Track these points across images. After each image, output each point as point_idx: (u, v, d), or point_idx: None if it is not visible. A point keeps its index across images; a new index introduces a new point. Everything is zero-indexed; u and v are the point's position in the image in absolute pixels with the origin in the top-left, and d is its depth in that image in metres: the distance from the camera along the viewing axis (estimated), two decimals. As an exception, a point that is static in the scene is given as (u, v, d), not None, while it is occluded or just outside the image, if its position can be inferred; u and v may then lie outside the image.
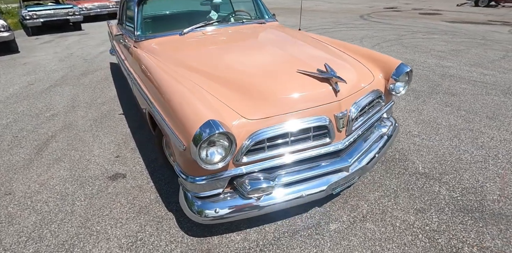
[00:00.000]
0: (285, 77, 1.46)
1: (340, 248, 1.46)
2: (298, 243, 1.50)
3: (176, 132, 1.24)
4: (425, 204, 1.71)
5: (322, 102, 1.39)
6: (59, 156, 2.45)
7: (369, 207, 1.71)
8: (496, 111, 2.75)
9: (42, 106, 3.49)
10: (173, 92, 1.37)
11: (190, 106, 1.24)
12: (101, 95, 3.74)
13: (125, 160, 2.34)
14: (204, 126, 1.12)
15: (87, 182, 2.10)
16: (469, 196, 1.75)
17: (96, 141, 2.66)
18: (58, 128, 2.93)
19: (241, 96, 1.39)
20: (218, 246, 1.51)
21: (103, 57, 5.61)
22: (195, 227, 1.64)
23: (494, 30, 6.74)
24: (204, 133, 1.11)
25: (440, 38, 6.12)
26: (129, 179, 2.10)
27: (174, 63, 1.72)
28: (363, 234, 1.53)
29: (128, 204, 1.85)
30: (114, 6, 10.70)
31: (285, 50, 1.76)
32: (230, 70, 1.57)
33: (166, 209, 1.78)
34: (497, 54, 4.66)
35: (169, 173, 2.12)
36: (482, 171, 1.95)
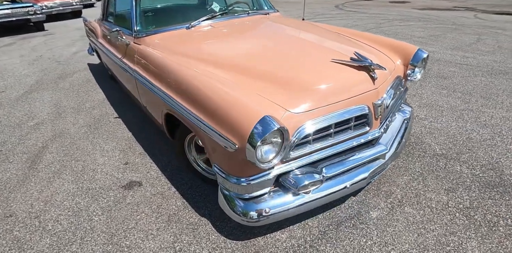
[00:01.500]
0: (321, 68, 1.39)
1: (387, 235, 1.46)
2: (345, 235, 1.48)
3: (223, 132, 1.14)
4: (452, 184, 1.77)
5: (362, 90, 1.36)
6: (58, 168, 2.20)
7: (402, 191, 1.74)
8: (488, 91, 2.93)
9: (21, 115, 3.12)
10: (209, 90, 1.25)
11: (237, 103, 1.14)
12: (88, 99, 3.43)
13: (136, 166, 2.16)
14: (260, 123, 1.03)
15: (99, 194, 1.91)
16: (489, 172, 1.84)
17: (97, 148, 2.43)
18: (48, 138, 2.64)
19: (279, 89, 1.31)
20: (265, 247, 1.44)
21: (78, 58, 5.15)
22: (235, 230, 1.55)
23: (461, 15, 7.16)
24: (261, 131, 1.02)
25: (416, 24, 6.38)
26: (147, 187, 1.94)
27: (193, 58, 1.58)
28: (404, 218, 1.55)
29: (154, 213, 1.71)
30: (78, 3, 9.85)
31: (309, 40, 1.69)
32: (260, 63, 1.47)
33: (198, 215, 1.67)
34: (471, 37, 4.96)
35: (190, 177, 1.99)
36: (493, 148, 2.06)
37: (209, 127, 1.21)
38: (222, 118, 1.15)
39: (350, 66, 1.38)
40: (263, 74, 1.40)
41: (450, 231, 1.46)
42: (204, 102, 1.25)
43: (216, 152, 1.28)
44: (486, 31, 5.32)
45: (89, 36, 3.86)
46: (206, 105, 1.23)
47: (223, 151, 1.21)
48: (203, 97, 1.25)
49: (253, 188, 1.28)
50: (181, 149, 1.81)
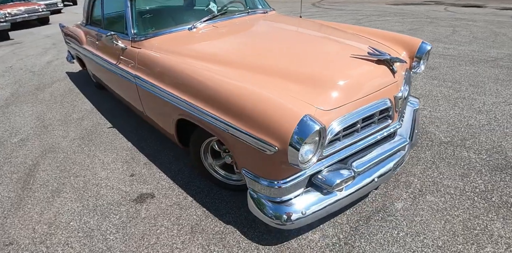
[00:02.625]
0: (343, 63, 1.39)
1: (416, 224, 1.49)
2: (376, 228, 1.49)
3: (258, 135, 1.09)
4: (464, 169, 1.84)
5: (384, 84, 1.37)
6: (56, 186, 2.03)
7: (419, 181, 1.78)
8: (475, 79, 3.10)
9: (2, 132, 2.85)
10: (235, 91, 1.20)
11: (271, 103, 1.10)
12: (74, 110, 3.21)
13: (144, 177, 2.05)
14: (301, 124, 1.00)
15: (109, 210, 1.78)
16: (495, 156, 1.94)
17: (96, 161, 2.27)
18: (38, 154, 2.43)
19: (304, 87, 1.28)
20: (300, 250, 1.41)
21: (54, 67, 4.82)
22: (265, 235, 1.51)
23: (433, 9, 7.57)
24: (303, 132, 0.99)
25: (393, 19, 6.65)
26: (161, 198, 1.84)
27: (206, 60, 1.51)
28: (428, 207, 1.59)
29: (174, 225, 1.62)
30: (44, 10, 9.24)
31: (320, 36, 1.68)
32: (278, 61, 1.43)
33: (223, 222, 1.61)
34: (447, 30, 5.25)
35: (205, 184, 1.91)
36: (492, 133, 2.18)
37: (240, 131, 1.15)
38: (256, 120, 1.10)
39: (370, 61, 1.39)
40: (284, 73, 1.37)
41: (473, 215, 1.52)
42: (231, 104, 1.19)
43: (248, 155, 1.23)
44: (459, 23, 5.66)
45: (68, 43, 3.61)
46: (235, 108, 1.18)
47: (256, 154, 1.16)
48: (229, 99, 1.20)
49: (288, 190, 1.24)
50: (196, 156, 1.73)
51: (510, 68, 3.28)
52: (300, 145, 0.99)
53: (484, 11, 6.79)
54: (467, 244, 1.37)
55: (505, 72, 3.17)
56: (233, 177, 1.71)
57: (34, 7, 8.97)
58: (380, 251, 1.37)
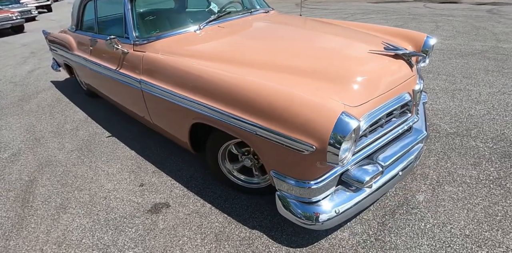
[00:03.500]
0: (363, 59, 1.39)
1: (441, 215, 1.51)
2: (403, 222, 1.50)
3: (293, 135, 1.06)
4: (475, 158, 1.90)
5: (404, 78, 1.39)
6: (60, 202, 1.91)
7: (435, 172, 1.82)
8: (466, 71, 3.23)
9: (-11, 148, 2.67)
10: (264, 91, 1.17)
11: (302, 102, 1.07)
12: (66, 120, 3.05)
13: (155, 187, 1.96)
14: (340, 121, 0.99)
15: (123, 224, 1.69)
16: (500, 143, 2.01)
17: (100, 173, 2.16)
18: (34, 169, 2.28)
19: (327, 84, 1.27)
20: (332, 249, 1.39)
21: (36, 77, 4.57)
22: (294, 237, 1.48)
23: (413, 6, 7.87)
24: (344, 129, 0.98)
25: (377, 17, 6.84)
26: (177, 207, 1.77)
27: (221, 61, 1.47)
28: (449, 197, 1.62)
29: (197, 235, 1.56)
30: (19, 17, 8.79)
31: (332, 33, 1.68)
32: (297, 59, 1.42)
33: (247, 228, 1.57)
34: (430, 25, 5.46)
35: (221, 189, 1.86)
36: (493, 121, 2.27)
37: (271, 132, 1.13)
38: (289, 119, 1.08)
39: (388, 56, 1.41)
40: (305, 71, 1.35)
41: (492, 202, 1.57)
42: (259, 105, 1.16)
43: (278, 157, 1.20)
44: (440, 19, 5.91)
45: (54, 50, 3.44)
46: (264, 108, 1.14)
47: (289, 155, 1.14)
48: (257, 99, 1.16)
49: (321, 190, 1.22)
50: (213, 161, 1.68)
51: (496, 59, 3.46)
52: (340, 143, 0.98)
53: (461, 7, 7.14)
54: (492, 231, 1.41)
55: (493, 64, 3.34)
56: (254, 180, 1.67)
57: (7, 15, 8.51)
58: (411, 244, 1.38)
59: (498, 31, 4.66)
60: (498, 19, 5.48)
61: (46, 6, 13.89)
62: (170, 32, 1.84)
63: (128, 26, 1.91)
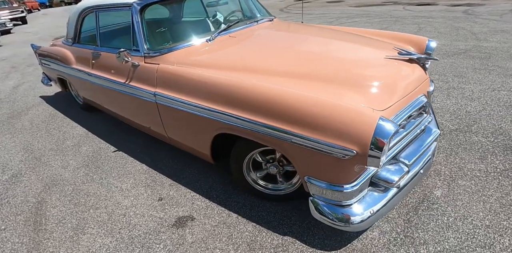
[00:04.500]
0: (382, 65, 1.48)
1: (461, 208, 1.62)
2: (427, 217, 1.58)
3: (332, 141, 1.12)
4: (480, 152, 2.04)
5: (420, 81, 1.49)
6: (76, 222, 1.86)
7: (446, 168, 1.93)
8: (456, 70, 3.45)
9: (-15, 170, 2.53)
10: (296, 100, 1.22)
11: (337, 109, 1.14)
12: (65, 136, 2.96)
13: (174, 200, 1.95)
14: (380, 125, 1.06)
15: (149, 240, 1.67)
16: (501, 137, 2.18)
17: (113, 190, 2.12)
18: (40, 190, 2.20)
19: (351, 90, 1.35)
20: (366, 249, 1.45)
21: (23, 93, 4.40)
22: (327, 240, 1.52)
23: (393, 9, 8.29)
24: (384, 133, 1.05)
25: (361, 20, 7.15)
26: (202, 219, 1.77)
27: (243, 70, 1.52)
28: (464, 191, 1.73)
29: (229, 245, 1.57)
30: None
31: (343, 40, 1.78)
32: (318, 66, 1.49)
33: (279, 234, 1.60)
34: (413, 27, 5.78)
35: (244, 197, 1.88)
36: (490, 116, 2.45)
37: (308, 139, 1.18)
38: (327, 126, 1.13)
39: (403, 60, 1.51)
40: (327, 77, 1.42)
41: (504, 192, 1.69)
42: (294, 113, 1.20)
43: (314, 162, 1.25)
44: (421, 21, 6.28)
45: (46, 65, 3.34)
46: (299, 116, 1.19)
47: (326, 160, 1.19)
48: (290, 108, 1.21)
49: (356, 193, 1.29)
50: (238, 171, 1.71)
51: (481, 58, 3.72)
52: (381, 147, 1.04)
53: (438, 8, 7.61)
54: (509, 220, 1.52)
55: (479, 62, 3.59)
56: (281, 187, 1.71)
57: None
58: (439, 238, 1.47)
59: (476, 30, 5.01)
60: (474, 19, 5.90)
61: (21, 18, 13.39)
62: (182, 44, 1.87)
63: (138, 38, 1.92)
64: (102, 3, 2.22)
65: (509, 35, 4.56)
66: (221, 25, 2.30)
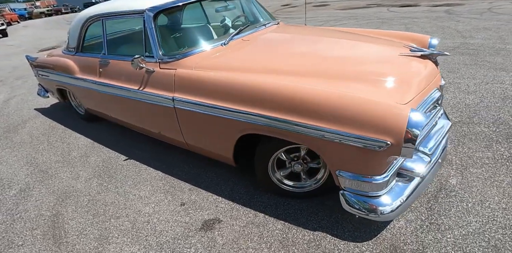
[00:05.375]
0: (399, 62, 1.59)
1: (477, 194, 1.72)
2: (447, 204, 1.68)
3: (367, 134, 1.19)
4: (485, 142, 2.18)
5: (433, 75, 1.61)
6: (99, 233, 1.84)
7: (457, 157, 2.05)
8: (449, 66, 3.66)
9: (-11, 187, 2.46)
10: (327, 97, 1.29)
11: (371, 104, 1.22)
12: (70, 148, 2.91)
13: (197, 204, 1.97)
14: (413, 117, 1.14)
15: (179, 245, 1.68)
16: (501, 126, 2.33)
17: (131, 198, 2.11)
18: (54, 203, 2.16)
19: (374, 86, 1.44)
20: (396, 238, 1.52)
21: (15, 106, 4.28)
22: (356, 232, 1.59)
23: (378, 11, 8.66)
24: (417, 123, 1.14)
25: (350, 22, 7.43)
26: (229, 221, 1.79)
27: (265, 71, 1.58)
28: (477, 178, 1.85)
29: (261, 244, 1.60)
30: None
31: (354, 40, 1.88)
32: (338, 65, 1.58)
33: (309, 230, 1.65)
34: (401, 27, 6.07)
35: (268, 197, 1.93)
36: (488, 108, 2.62)
37: (341, 134, 1.24)
38: (360, 120, 1.21)
39: (416, 57, 1.62)
40: (347, 75, 1.51)
41: (514, 177, 1.82)
42: (327, 110, 1.27)
43: (347, 156, 1.32)
44: (407, 21, 6.60)
45: (44, 76, 3.29)
46: (331, 113, 1.26)
47: (359, 153, 1.27)
48: (324, 105, 1.28)
49: (387, 183, 1.36)
50: (263, 171, 1.75)
51: (470, 54, 3.96)
52: (415, 137, 1.13)
53: (421, 9, 8.03)
54: (523, 202, 1.64)
55: (469, 58, 3.82)
56: (306, 184, 1.77)
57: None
58: (461, 223, 1.56)
59: (460, 29, 5.33)
60: (456, 18, 6.27)
61: (1, 31, 13.02)
62: (198, 48, 1.92)
63: (152, 44, 1.95)
64: (110, 11, 2.25)
65: (492, 32, 4.89)
66: (230, 29, 2.39)
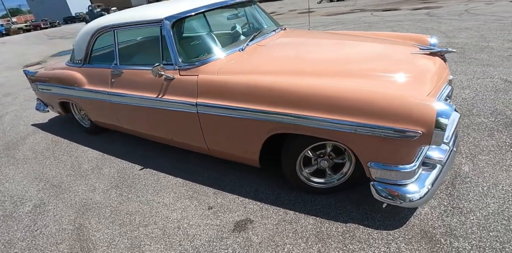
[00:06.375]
0: (412, 60, 1.75)
1: (490, 178, 1.88)
2: (465, 189, 1.82)
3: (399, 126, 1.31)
4: (487, 131, 2.37)
5: (444, 71, 1.78)
6: (129, 242, 1.84)
7: (464, 147, 2.22)
8: (440, 64, 3.94)
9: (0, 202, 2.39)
10: (361, 94, 1.41)
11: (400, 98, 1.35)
12: (79, 161, 2.89)
13: (225, 207, 2.02)
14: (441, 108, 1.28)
15: (215, 247, 1.71)
16: (499, 117, 2.55)
17: (155, 206, 2.13)
18: (74, 216, 2.14)
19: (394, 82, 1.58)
20: (424, 224, 1.64)
21: (10, 123, 4.18)
22: (386, 221, 1.69)
23: (362, 15, 9.13)
24: (446, 112, 1.27)
25: (338, 27, 7.78)
26: (261, 220, 1.86)
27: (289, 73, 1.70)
28: (486, 164, 2.01)
29: (297, 240, 1.67)
30: None
31: (368, 41, 2.04)
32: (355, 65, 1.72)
33: (341, 222, 1.73)
34: (387, 30, 6.44)
35: (294, 194, 2.01)
36: (483, 100, 2.84)
37: (374, 127, 1.36)
38: (392, 113, 1.33)
39: (427, 54, 1.79)
40: (366, 74, 1.65)
41: (520, 162, 2.00)
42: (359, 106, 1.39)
43: (378, 148, 1.43)
44: (392, 24, 7.01)
45: (46, 90, 3.27)
46: (363, 108, 1.38)
47: (390, 144, 1.38)
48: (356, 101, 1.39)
49: (416, 171, 1.48)
50: (291, 170, 1.84)
51: (457, 52, 4.27)
52: (444, 126, 1.26)
53: (403, 13, 8.54)
54: (532, 183, 1.81)
55: (457, 56, 4.13)
56: (333, 179, 1.86)
57: None
58: (481, 205, 1.70)
59: (443, 29, 5.73)
60: (438, 20, 6.72)
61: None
62: (216, 55, 2.02)
63: (171, 52, 2.03)
64: (124, 22, 2.31)
65: (473, 31, 5.29)
66: (240, 36, 2.51)
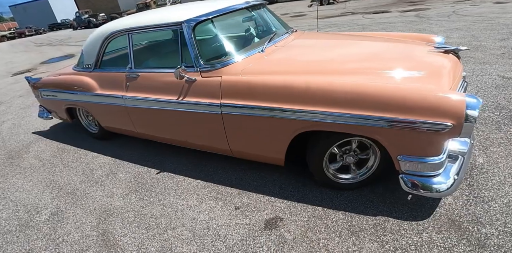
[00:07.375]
0: (432, 58, 1.86)
1: (504, 168, 2.00)
2: (483, 179, 1.93)
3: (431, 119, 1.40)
4: (494, 124, 2.52)
5: (459, 68, 1.89)
6: (160, 245, 1.85)
7: (476, 140, 2.35)
8: (438, 63, 4.13)
9: (12, 214, 2.33)
10: (394, 91, 1.49)
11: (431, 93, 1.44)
12: (91, 167, 2.86)
13: (252, 206, 2.05)
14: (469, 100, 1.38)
15: (249, 246, 1.75)
16: (503, 111, 2.71)
17: (180, 208, 2.14)
18: (96, 222, 2.12)
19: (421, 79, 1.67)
20: (450, 213, 1.73)
21: (9, 132, 4.08)
22: (413, 212, 1.78)
23: (355, 18, 9.41)
24: (474, 105, 1.37)
25: (332, 30, 8.00)
26: (291, 217, 1.90)
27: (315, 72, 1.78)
28: (499, 155, 2.14)
29: (330, 234, 1.73)
30: None
31: (384, 41, 2.15)
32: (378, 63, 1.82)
33: (371, 216, 1.80)
34: (382, 32, 6.67)
35: (319, 191, 2.07)
36: (486, 96, 3.01)
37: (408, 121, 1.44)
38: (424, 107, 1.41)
39: (442, 52, 1.90)
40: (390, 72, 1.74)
41: (528, 152, 2.14)
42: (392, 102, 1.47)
43: (409, 141, 1.51)
44: (386, 26, 7.27)
45: (50, 96, 3.23)
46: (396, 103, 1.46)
47: (421, 137, 1.47)
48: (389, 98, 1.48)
49: (445, 162, 1.58)
50: (319, 167, 1.91)
51: (452, 51, 4.50)
52: (474, 118, 1.36)
53: (393, 15, 8.87)
54: (543, 171, 1.95)
55: (453, 55, 4.34)
56: (361, 172, 1.94)
57: None
58: (500, 193, 1.81)
59: (435, 30, 6.00)
60: (428, 21, 7.03)
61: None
62: (237, 56, 2.07)
63: (192, 55, 2.08)
64: (140, 25, 2.33)
65: (463, 31, 5.57)
66: (255, 38, 2.58)
